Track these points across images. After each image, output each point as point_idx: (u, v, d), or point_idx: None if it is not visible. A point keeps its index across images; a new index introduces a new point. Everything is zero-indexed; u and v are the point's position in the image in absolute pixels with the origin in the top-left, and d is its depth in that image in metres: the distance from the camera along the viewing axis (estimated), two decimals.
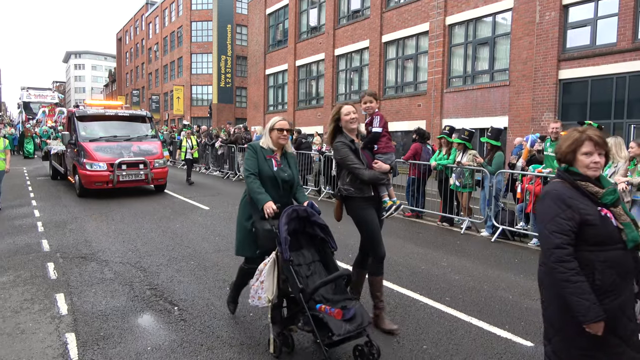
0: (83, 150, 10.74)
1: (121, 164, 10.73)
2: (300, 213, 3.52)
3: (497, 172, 7.75)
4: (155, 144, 11.91)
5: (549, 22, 13.53)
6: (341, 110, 3.90)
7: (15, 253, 6.27)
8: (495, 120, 14.91)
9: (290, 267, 3.25)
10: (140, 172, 10.99)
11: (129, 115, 12.59)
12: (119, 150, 10.99)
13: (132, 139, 11.66)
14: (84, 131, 11.31)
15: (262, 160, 3.74)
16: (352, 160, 3.79)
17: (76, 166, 10.96)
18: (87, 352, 3.53)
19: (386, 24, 19.69)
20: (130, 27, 60.45)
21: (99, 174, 10.52)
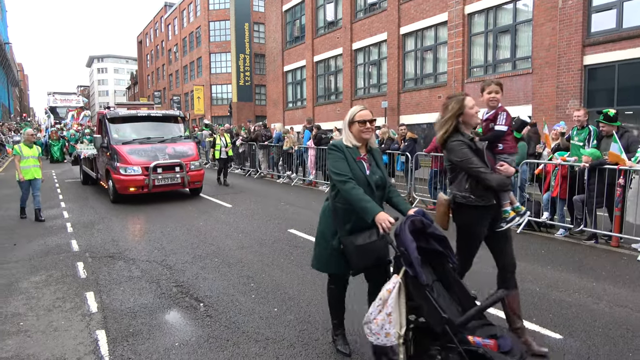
0: (116, 154, 10.20)
1: (156, 167, 10.17)
2: (416, 224, 2.88)
3: (521, 162, 7.61)
4: (190, 145, 11.34)
5: (572, 6, 13.14)
6: (465, 102, 3.30)
7: (47, 253, 6.46)
8: (519, 110, 14.61)
9: (427, 293, 2.66)
10: (177, 175, 10.44)
11: (161, 115, 11.89)
12: (153, 152, 10.42)
13: (166, 140, 11.09)
14: (116, 134, 10.79)
15: (351, 163, 3.12)
16: (474, 163, 3.20)
17: (109, 171, 10.46)
18: (117, 348, 3.62)
19: (404, 16, 19.47)
20: (150, 30, 61.35)
21: (133, 179, 9.99)
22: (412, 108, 19.40)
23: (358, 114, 3.22)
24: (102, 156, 11.16)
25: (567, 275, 5.29)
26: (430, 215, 3.05)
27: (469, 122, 3.33)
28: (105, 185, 11.27)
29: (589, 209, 6.64)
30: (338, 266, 3.25)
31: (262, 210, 9.52)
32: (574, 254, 6.17)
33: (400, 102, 19.92)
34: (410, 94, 19.51)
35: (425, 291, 2.66)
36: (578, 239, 6.91)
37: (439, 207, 3.46)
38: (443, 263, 2.93)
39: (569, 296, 4.62)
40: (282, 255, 6.14)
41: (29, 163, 8.62)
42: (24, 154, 8.63)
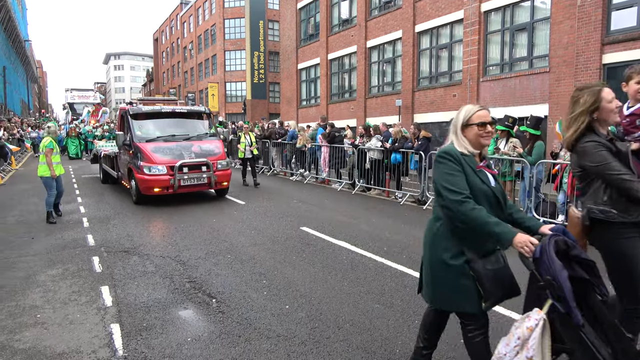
0: (140, 152, 9.59)
1: (182, 166, 9.55)
2: (560, 246, 2.35)
3: (537, 162, 7.51)
4: (216, 143, 10.64)
5: (591, 4, 12.91)
6: (603, 94, 2.70)
7: (64, 247, 6.58)
8: (535, 109, 14.42)
9: (584, 335, 2.19)
10: (203, 175, 9.82)
11: (186, 111, 11.20)
12: (178, 151, 9.79)
13: (191, 137, 10.47)
14: (140, 131, 10.13)
15: (470, 173, 2.52)
16: (615, 169, 2.62)
17: (132, 170, 9.82)
18: (131, 342, 3.67)
19: (419, 14, 19.33)
20: (166, 27, 61.87)
21: (158, 179, 9.36)
22: (426, 106, 19.26)
23: (476, 115, 2.59)
24: (124, 154, 10.57)
25: None
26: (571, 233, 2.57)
27: (607, 119, 2.74)
28: (127, 185, 10.69)
29: None
30: (471, 302, 2.52)
31: (274, 207, 9.55)
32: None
33: (415, 101, 19.80)
34: (424, 92, 19.38)
35: (581, 332, 2.19)
36: None
37: (573, 226, 2.83)
38: (588, 293, 2.37)
39: None
40: (294, 253, 6.15)
41: (58, 159, 8.38)
42: (55, 150, 8.37)
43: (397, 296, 4.58)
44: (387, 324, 3.94)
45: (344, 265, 5.60)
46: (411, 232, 7.37)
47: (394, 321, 4.00)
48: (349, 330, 3.84)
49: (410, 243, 6.68)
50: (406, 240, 6.83)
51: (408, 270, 5.39)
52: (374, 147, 11.05)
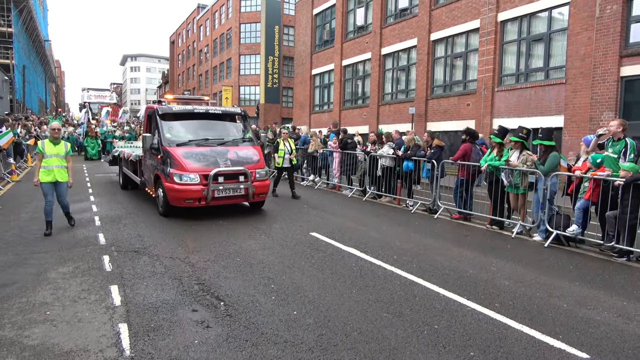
0: (170, 158, 8.49)
1: (217, 175, 8.39)
2: None
3: (552, 174, 7.41)
4: (254, 150, 9.42)
5: (610, 15, 12.78)
6: None
7: (75, 245, 6.63)
8: (550, 120, 14.28)
9: None
10: (240, 185, 8.64)
11: (221, 112, 9.99)
12: (213, 157, 8.64)
13: (226, 142, 9.27)
14: (169, 133, 9.02)
15: None
16: None
17: (160, 177, 8.72)
18: (138, 342, 3.67)
19: (435, 22, 19.30)
20: (183, 30, 62.55)
21: (190, 189, 8.22)
22: (439, 115, 19.18)
23: None
24: (151, 159, 9.41)
25: (597, 292, 5.11)
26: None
27: None
28: (152, 193, 9.59)
29: (621, 225, 6.41)
30: None
31: (284, 212, 9.54)
32: (603, 271, 5.96)
33: (428, 109, 19.73)
34: (438, 100, 19.30)
35: None
36: (609, 256, 6.67)
37: None
38: None
39: (597, 314, 4.47)
40: (304, 258, 6.13)
41: (52, 163, 7.23)
42: (46, 152, 7.22)
43: (407, 305, 4.53)
44: (396, 334, 3.89)
45: (353, 272, 5.56)
46: (422, 241, 7.31)
47: (403, 331, 3.95)
48: (357, 338, 3.80)
49: (420, 252, 6.61)
50: (416, 249, 6.77)
51: (418, 279, 5.34)
52: (386, 155, 11.01)
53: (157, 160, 8.95)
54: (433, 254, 6.52)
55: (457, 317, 4.28)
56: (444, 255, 6.50)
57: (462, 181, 9.12)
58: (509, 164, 8.02)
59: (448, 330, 3.99)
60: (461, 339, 3.83)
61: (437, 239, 7.56)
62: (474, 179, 9.24)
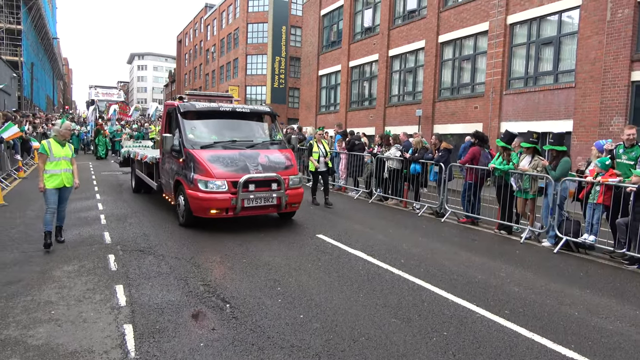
0: (193, 162, 7.53)
1: (248, 182, 7.42)
2: None
3: (562, 179, 7.31)
4: (287, 153, 8.41)
5: (621, 19, 12.64)
6: None
7: (80, 244, 6.60)
8: (559, 124, 14.15)
9: None
10: (273, 194, 7.67)
11: (249, 111, 8.83)
12: (242, 161, 7.64)
13: (256, 145, 8.29)
14: (192, 133, 8.08)
15: None
16: None
17: (181, 183, 7.81)
18: (143, 344, 3.62)
19: (443, 24, 19.20)
20: (190, 30, 62.70)
21: (217, 197, 7.26)
22: (447, 117, 19.07)
23: None
24: (171, 162, 8.44)
25: (608, 300, 5.02)
26: None
27: None
28: (171, 201, 8.69)
29: (632, 232, 6.31)
30: None
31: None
32: (615, 279, 5.87)
33: (435, 111, 19.62)
34: (445, 103, 19.20)
35: None
36: (620, 263, 6.57)
37: None
38: None
39: (610, 324, 4.38)
40: (310, 261, 6.07)
41: (60, 166, 6.36)
42: (53, 154, 6.32)
43: (415, 311, 4.46)
44: (404, 340, 3.82)
45: (360, 276, 5.49)
46: (429, 245, 7.23)
47: (411, 337, 3.88)
48: (365, 344, 3.73)
49: (428, 256, 6.54)
50: (424, 253, 6.69)
51: (426, 284, 5.26)
52: (393, 157, 10.93)
53: (178, 164, 7.98)
54: (441, 259, 6.45)
55: (466, 324, 4.20)
56: (452, 259, 6.42)
57: (470, 185, 9.03)
58: (519, 169, 7.93)
59: (457, 337, 3.92)
60: (471, 347, 3.76)
61: (445, 243, 7.49)
62: (482, 183, 9.14)
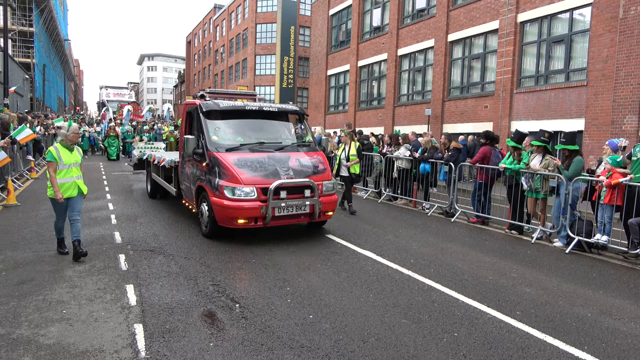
0: (219, 166, 6.86)
1: (279, 188, 6.73)
2: None
3: (574, 179, 7.22)
4: (319, 156, 7.69)
5: (634, 17, 12.47)
6: None
7: (91, 243, 6.65)
8: (571, 123, 13.98)
9: None
10: (306, 202, 6.97)
11: (277, 110, 8.08)
12: (272, 165, 6.94)
13: (285, 147, 7.58)
14: (216, 135, 7.41)
15: None
16: None
17: (205, 190, 7.09)
18: (153, 343, 3.63)
19: (453, 23, 19.08)
20: (199, 31, 63.01)
21: (245, 205, 6.57)
22: (456, 117, 18.96)
23: None
24: (192, 166, 7.76)
25: (622, 301, 4.95)
26: None
27: None
28: (192, 208, 8.03)
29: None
30: None
31: None
32: (628, 279, 5.78)
33: (445, 111, 19.52)
34: (455, 102, 19.08)
35: None
36: (633, 264, 6.48)
37: None
38: None
39: (623, 325, 4.31)
40: (319, 261, 6.06)
41: (71, 174, 5.81)
42: (63, 161, 5.75)
43: (425, 311, 4.43)
44: (415, 341, 3.80)
45: (370, 276, 5.47)
46: (439, 245, 7.18)
47: (422, 338, 3.85)
48: (374, 344, 3.71)
49: (438, 256, 6.49)
50: (434, 253, 6.65)
51: (436, 284, 5.23)
52: (403, 156, 10.89)
53: (201, 169, 7.31)
54: (451, 259, 6.40)
55: (477, 325, 4.16)
56: (462, 260, 6.37)
57: (481, 184, 8.96)
58: (530, 168, 7.85)
59: (468, 338, 3.88)
60: (482, 348, 3.72)
61: (455, 243, 7.43)
62: (493, 183, 9.07)
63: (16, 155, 12.81)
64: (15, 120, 13.59)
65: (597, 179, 7.18)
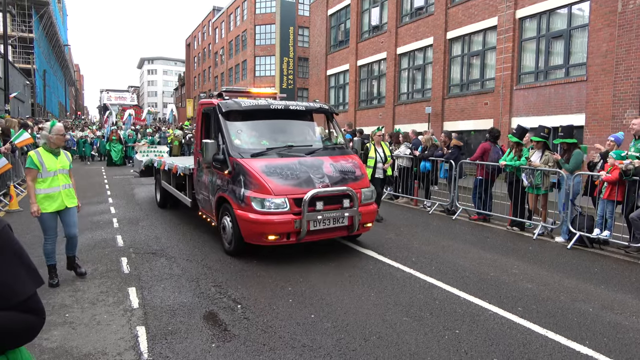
0: (244, 175, 5.98)
1: (315, 199, 5.86)
2: None
3: (575, 174, 7.22)
4: (354, 159, 6.80)
5: (633, 11, 12.44)
6: None
7: (94, 247, 6.68)
8: (571, 118, 13.97)
9: None
10: (345, 213, 6.07)
11: (304, 109, 7.13)
12: (304, 172, 6.06)
13: (316, 150, 6.72)
14: (239, 138, 6.56)
15: None
16: None
17: (228, 201, 6.22)
18: (156, 345, 3.65)
19: (451, 20, 19.07)
20: (198, 33, 63.10)
21: (276, 220, 5.71)
22: (456, 114, 18.95)
23: None
24: (211, 174, 6.86)
25: (623, 296, 4.95)
26: None
27: None
28: (211, 222, 7.14)
29: None
30: None
31: None
32: (630, 274, 5.78)
33: (445, 108, 19.51)
34: (455, 99, 19.07)
35: None
36: (635, 258, 6.47)
37: None
38: None
39: (625, 319, 4.31)
40: (320, 260, 6.07)
41: (58, 182, 4.98)
42: (46, 167, 4.91)
43: (426, 309, 4.43)
44: (416, 339, 3.81)
45: (371, 275, 5.48)
46: (440, 243, 7.19)
47: (423, 336, 3.86)
48: (376, 343, 3.72)
49: (439, 254, 6.50)
50: (435, 251, 6.66)
51: (437, 282, 5.24)
52: (403, 155, 10.89)
53: (222, 177, 6.44)
54: (452, 256, 6.41)
55: (478, 322, 4.17)
56: (463, 257, 6.37)
57: (481, 181, 8.96)
58: (531, 164, 7.85)
59: (470, 335, 3.89)
60: (483, 345, 3.73)
61: (456, 240, 7.44)
62: (493, 179, 9.07)
63: (18, 161, 12.86)
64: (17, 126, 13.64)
65: (598, 174, 7.17)
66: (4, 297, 1.22)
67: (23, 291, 1.27)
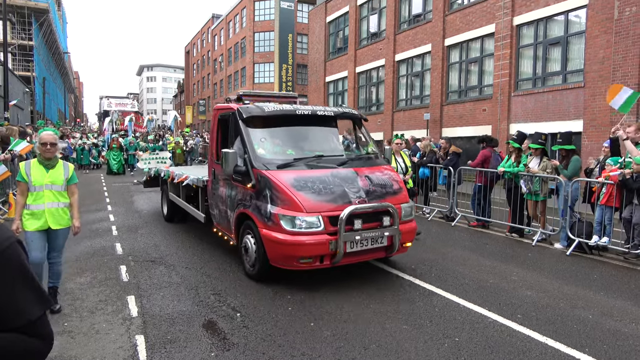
0: (271, 189, 5.28)
1: (353, 216, 5.17)
2: None
3: (573, 180, 7.24)
4: (390, 172, 6.10)
5: (629, 17, 12.53)
6: None
7: (92, 255, 6.67)
8: (569, 125, 14.01)
9: None
10: (384, 232, 5.39)
11: (333, 114, 6.53)
12: (339, 186, 5.38)
13: (349, 161, 6.06)
14: (262, 147, 5.88)
15: None
16: None
17: (252, 218, 5.52)
18: (155, 355, 3.64)
19: (449, 27, 19.18)
20: (198, 40, 63.36)
21: (309, 241, 5.02)
22: (455, 120, 19.00)
23: None
24: (229, 187, 6.19)
25: (623, 303, 4.95)
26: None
27: None
28: (230, 240, 6.40)
29: None
30: None
31: None
32: (629, 280, 5.78)
33: (443, 115, 19.57)
34: (453, 106, 19.14)
35: None
36: (634, 264, 6.48)
37: None
38: None
39: (625, 326, 4.31)
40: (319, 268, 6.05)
41: (41, 200, 4.40)
42: (32, 180, 4.40)
43: (426, 317, 4.43)
44: (416, 347, 3.80)
45: (370, 283, 5.47)
46: (440, 250, 7.19)
47: (423, 344, 3.86)
48: (376, 351, 3.72)
49: (439, 261, 6.50)
50: (434, 258, 6.66)
51: (437, 289, 5.23)
52: None
53: (244, 191, 5.74)
54: (452, 263, 6.41)
55: (478, 329, 4.17)
56: (463, 264, 6.37)
57: (480, 188, 8.98)
58: (529, 171, 7.88)
59: (469, 342, 3.89)
60: (483, 352, 3.72)
61: (456, 247, 7.44)
62: (493, 186, 9.09)
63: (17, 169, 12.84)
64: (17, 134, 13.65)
65: (597, 180, 7.19)
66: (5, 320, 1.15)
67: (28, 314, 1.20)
